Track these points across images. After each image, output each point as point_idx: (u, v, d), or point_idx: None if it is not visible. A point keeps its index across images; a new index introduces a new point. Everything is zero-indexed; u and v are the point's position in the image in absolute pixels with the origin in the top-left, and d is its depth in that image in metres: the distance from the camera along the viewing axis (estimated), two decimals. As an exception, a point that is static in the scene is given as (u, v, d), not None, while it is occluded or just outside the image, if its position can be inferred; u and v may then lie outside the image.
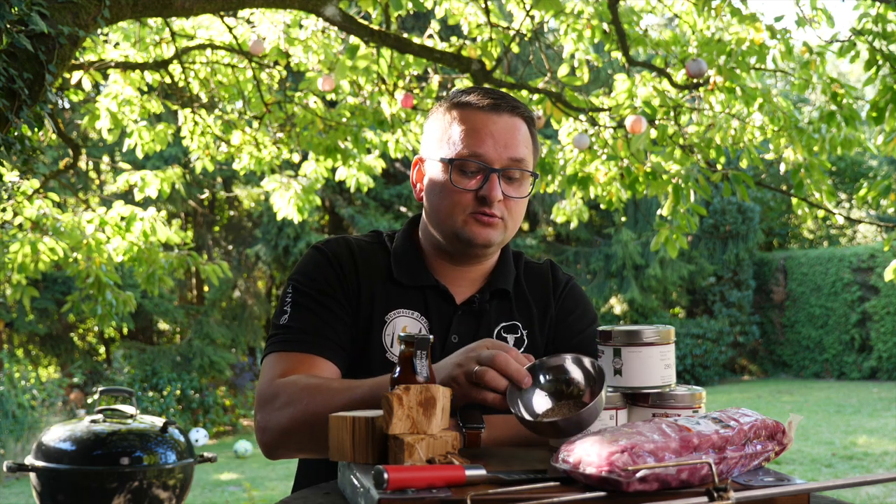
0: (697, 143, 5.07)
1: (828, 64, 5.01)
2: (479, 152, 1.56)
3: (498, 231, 1.59)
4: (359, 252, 1.66)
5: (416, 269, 1.65)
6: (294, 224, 14.44)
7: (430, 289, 1.64)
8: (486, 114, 1.58)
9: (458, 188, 1.57)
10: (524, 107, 1.63)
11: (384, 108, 5.54)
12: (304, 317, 1.57)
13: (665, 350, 1.35)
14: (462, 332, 1.63)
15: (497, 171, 1.56)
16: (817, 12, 4.71)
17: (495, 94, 1.62)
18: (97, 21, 2.84)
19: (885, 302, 15.00)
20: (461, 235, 1.58)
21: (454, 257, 1.64)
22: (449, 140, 1.59)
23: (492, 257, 1.68)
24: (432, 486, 1.07)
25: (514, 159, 1.58)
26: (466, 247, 1.60)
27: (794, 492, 1.06)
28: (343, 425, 1.24)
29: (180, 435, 4.01)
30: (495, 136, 1.57)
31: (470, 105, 1.59)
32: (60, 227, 5.48)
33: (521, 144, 1.59)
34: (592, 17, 5.09)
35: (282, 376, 1.52)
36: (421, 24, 14.21)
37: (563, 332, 1.71)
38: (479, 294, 1.66)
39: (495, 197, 1.55)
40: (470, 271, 1.67)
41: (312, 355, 1.54)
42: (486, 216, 1.56)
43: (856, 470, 7.36)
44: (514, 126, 1.59)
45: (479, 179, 1.56)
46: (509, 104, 1.60)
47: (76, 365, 13.86)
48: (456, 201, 1.57)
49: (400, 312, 1.62)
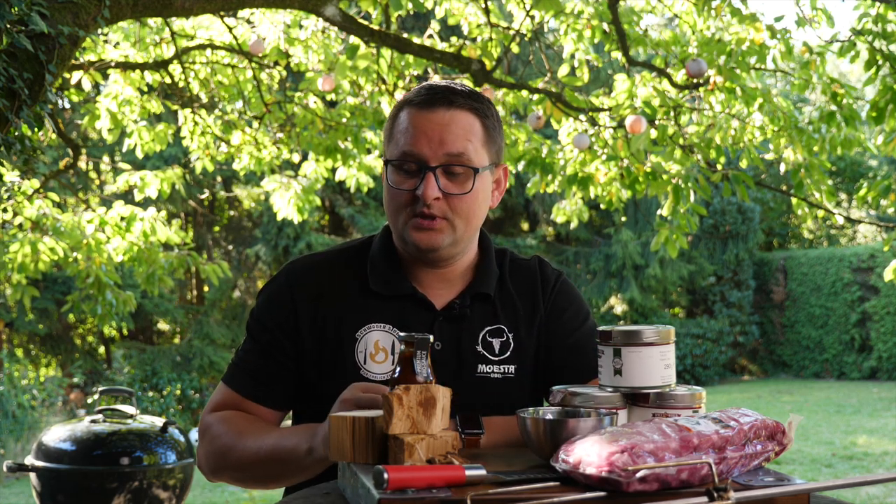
0: (697, 143, 5.07)
1: (828, 64, 5.01)
2: (414, 151, 1.52)
3: (443, 234, 1.54)
4: (325, 271, 1.64)
5: (392, 278, 1.61)
6: (294, 224, 14.42)
7: (408, 298, 1.61)
8: (421, 110, 1.54)
9: (397, 189, 1.54)
10: (468, 99, 1.56)
11: (384, 108, 5.54)
12: (251, 358, 1.63)
13: (665, 350, 1.35)
14: (445, 338, 1.60)
15: (432, 168, 1.51)
16: (817, 12, 4.70)
17: (438, 87, 1.57)
18: (97, 21, 2.84)
19: (885, 302, 15.00)
20: (407, 240, 1.56)
21: (425, 262, 1.60)
22: (392, 141, 1.58)
23: (463, 257, 1.63)
24: (432, 486, 1.07)
25: (451, 154, 1.52)
26: (416, 252, 1.57)
27: (794, 492, 1.06)
28: (343, 425, 1.24)
29: (180, 435, 4.01)
30: (430, 132, 1.52)
31: (409, 103, 1.56)
32: (60, 227, 5.48)
33: (461, 139, 1.52)
34: (592, 17, 5.09)
35: (216, 409, 1.62)
36: (421, 24, 14.21)
37: (557, 332, 1.66)
38: (458, 299, 1.62)
39: (429, 195, 1.50)
40: (446, 273, 1.63)
41: (245, 399, 1.62)
42: (425, 219, 1.52)
43: (856, 470, 7.36)
44: (451, 120, 1.53)
45: (418, 179, 1.52)
46: (446, 98, 1.54)
47: (76, 365, 13.86)
48: (397, 203, 1.55)
49: (372, 327, 1.59)
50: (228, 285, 15.67)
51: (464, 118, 1.54)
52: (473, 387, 1.58)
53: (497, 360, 1.62)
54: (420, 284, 1.62)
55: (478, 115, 1.56)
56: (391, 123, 1.59)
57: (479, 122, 1.56)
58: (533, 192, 5.69)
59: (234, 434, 1.54)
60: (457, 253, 1.60)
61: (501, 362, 1.62)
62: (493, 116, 1.60)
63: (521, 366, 1.63)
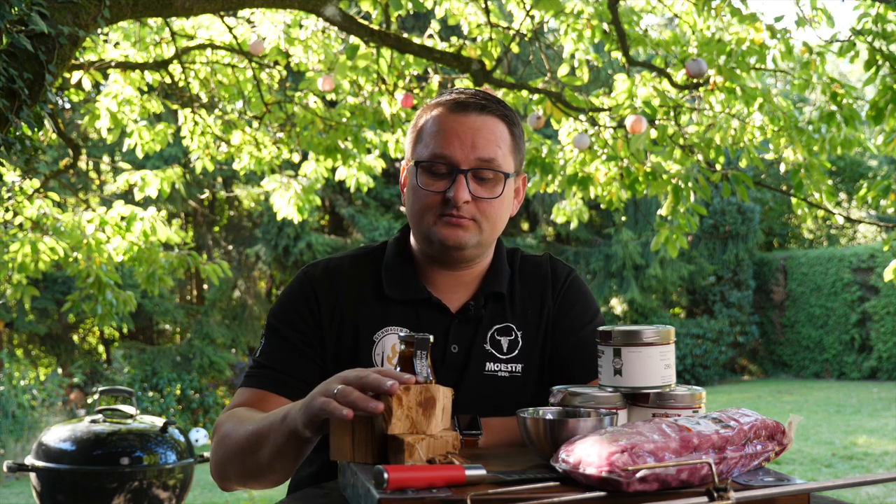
0: (697, 143, 5.07)
1: (828, 64, 5.01)
2: (446, 153, 1.53)
3: (470, 233, 1.55)
4: (342, 276, 1.64)
5: (407, 282, 1.62)
6: (294, 224, 14.44)
7: (423, 302, 1.61)
8: (454, 114, 1.55)
9: (427, 190, 1.55)
10: (499, 105, 1.58)
11: (384, 108, 5.54)
12: (274, 353, 1.60)
13: (665, 350, 1.35)
14: (460, 340, 1.60)
15: (464, 171, 1.52)
16: (817, 12, 4.71)
17: (468, 93, 1.58)
18: (97, 21, 2.84)
19: (885, 302, 15.00)
20: (432, 238, 1.56)
21: (443, 263, 1.61)
22: (420, 143, 1.58)
23: (482, 260, 1.65)
24: (432, 486, 1.07)
25: (483, 159, 1.53)
26: (441, 250, 1.57)
27: (794, 492, 1.06)
28: (343, 425, 1.24)
29: (180, 435, 4.01)
30: (462, 136, 1.53)
31: (440, 106, 1.57)
32: (60, 226, 5.48)
33: (492, 144, 1.54)
34: (592, 17, 5.09)
35: (230, 409, 1.57)
36: (421, 24, 14.21)
37: (564, 329, 1.66)
38: (473, 300, 1.63)
39: (461, 198, 1.51)
40: (462, 276, 1.64)
41: (266, 391, 1.57)
42: (454, 217, 1.53)
43: (856, 470, 7.36)
44: (483, 125, 1.54)
45: (448, 181, 1.53)
46: (478, 103, 1.55)
47: (76, 365, 13.86)
48: (425, 203, 1.55)
49: (389, 330, 1.59)
50: (228, 285, 15.66)
51: (495, 124, 1.56)
52: (481, 385, 1.59)
53: (505, 358, 1.62)
54: (435, 288, 1.63)
55: (507, 122, 1.58)
56: (419, 125, 1.60)
57: (508, 129, 1.58)
58: (533, 192, 5.69)
59: (235, 422, 1.51)
60: (478, 255, 1.61)
61: (509, 361, 1.62)
62: (519, 126, 1.62)
63: (529, 364, 1.63)
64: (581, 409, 1.32)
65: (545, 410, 1.33)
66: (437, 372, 1.40)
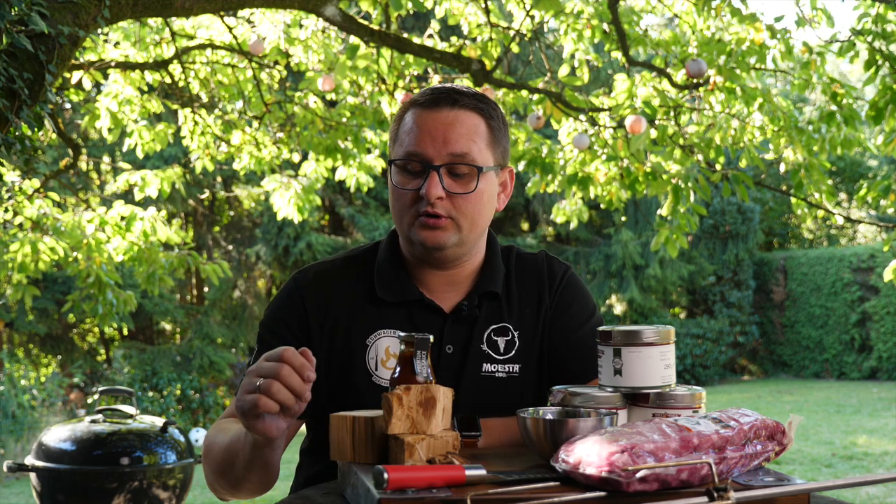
0: (697, 143, 5.07)
1: (828, 64, 5.01)
2: (418, 150, 1.51)
3: (448, 233, 1.53)
4: (333, 280, 1.63)
5: (399, 284, 1.60)
6: (294, 224, 14.43)
7: (415, 303, 1.60)
8: (426, 111, 1.53)
9: (402, 189, 1.54)
10: (473, 99, 1.55)
11: (384, 108, 5.54)
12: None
13: (665, 350, 1.35)
14: (455, 341, 1.59)
15: (436, 167, 1.50)
16: (817, 12, 4.71)
17: (442, 89, 1.56)
18: (97, 21, 2.84)
19: (885, 302, 14.99)
20: (413, 239, 1.55)
21: (430, 263, 1.59)
22: (396, 142, 1.57)
23: (471, 258, 1.63)
24: (432, 486, 1.07)
25: (456, 154, 1.51)
26: (423, 252, 1.56)
27: (794, 492, 1.06)
28: (343, 425, 1.24)
29: (180, 435, 4.01)
30: (433, 132, 1.51)
31: (414, 104, 1.57)
32: (60, 226, 5.48)
33: (464, 138, 1.52)
34: (592, 17, 5.09)
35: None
36: (421, 24, 14.21)
37: (561, 328, 1.64)
38: (466, 300, 1.61)
39: (433, 194, 1.49)
40: (453, 275, 1.62)
41: None
42: (430, 217, 1.52)
43: (856, 470, 7.36)
44: (455, 119, 1.52)
45: (422, 179, 1.52)
46: (450, 97, 1.53)
47: (76, 365, 13.86)
48: (402, 203, 1.55)
49: (382, 333, 1.58)
50: (229, 285, 15.66)
51: (468, 118, 1.54)
52: (478, 386, 1.58)
53: (502, 359, 1.61)
54: (427, 289, 1.62)
55: (483, 115, 1.56)
56: (396, 125, 1.59)
57: (484, 122, 1.56)
58: (533, 192, 5.69)
59: (217, 431, 1.52)
60: (462, 254, 1.59)
61: (506, 361, 1.61)
62: (498, 118, 1.59)
63: (526, 364, 1.62)
64: (581, 409, 1.32)
65: (545, 410, 1.33)
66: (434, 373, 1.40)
